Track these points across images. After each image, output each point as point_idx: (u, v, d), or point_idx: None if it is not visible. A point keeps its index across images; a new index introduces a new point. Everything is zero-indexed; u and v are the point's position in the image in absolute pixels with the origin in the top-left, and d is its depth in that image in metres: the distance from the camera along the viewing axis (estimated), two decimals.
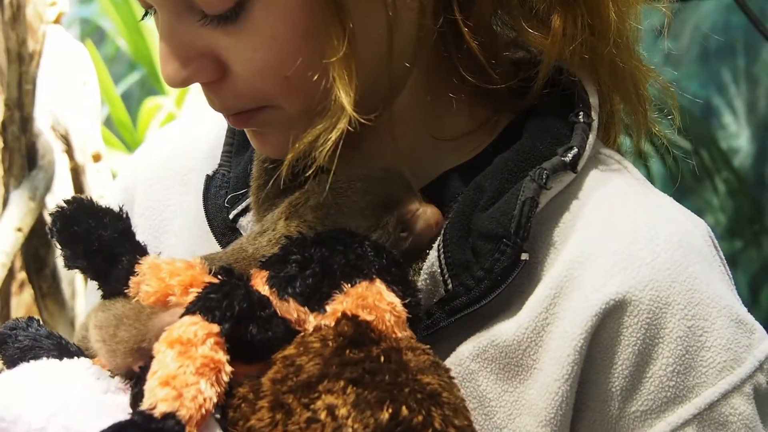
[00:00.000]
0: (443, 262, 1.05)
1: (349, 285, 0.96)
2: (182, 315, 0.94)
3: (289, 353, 0.94)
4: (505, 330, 1.04)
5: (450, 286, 1.04)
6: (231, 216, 1.16)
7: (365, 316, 0.95)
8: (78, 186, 3.23)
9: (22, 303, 3.26)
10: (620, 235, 1.04)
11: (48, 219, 2.99)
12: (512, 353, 1.03)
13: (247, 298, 0.94)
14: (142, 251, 1.03)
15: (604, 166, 1.10)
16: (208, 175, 1.20)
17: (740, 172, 4.32)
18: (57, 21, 3.28)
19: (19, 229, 2.92)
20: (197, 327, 0.92)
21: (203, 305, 0.94)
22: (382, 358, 0.93)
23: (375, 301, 0.96)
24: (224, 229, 1.16)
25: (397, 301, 0.97)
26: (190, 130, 1.32)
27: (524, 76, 1.10)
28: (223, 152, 1.22)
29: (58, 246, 1.04)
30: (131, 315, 1.00)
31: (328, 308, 0.96)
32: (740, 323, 1.04)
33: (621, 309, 1.01)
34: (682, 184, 1.24)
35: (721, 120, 4.36)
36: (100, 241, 1.02)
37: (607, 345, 1.01)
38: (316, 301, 0.96)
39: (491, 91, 1.09)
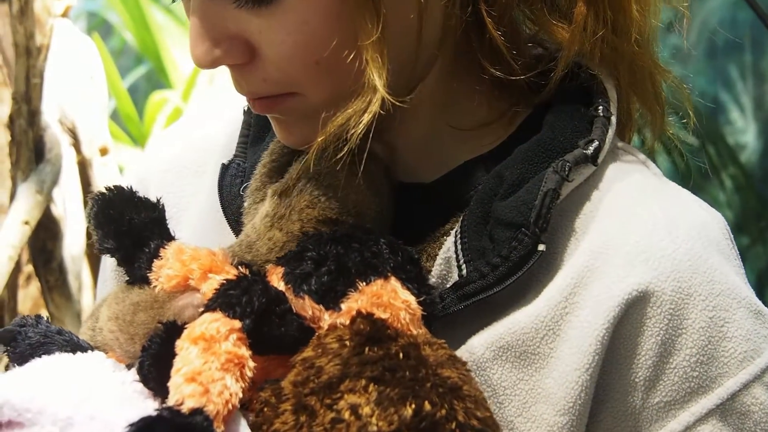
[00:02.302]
0: (459, 247, 1.05)
1: (364, 283, 0.97)
2: (202, 311, 0.95)
3: (308, 355, 0.95)
4: (522, 318, 1.04)
5: (464, 271, 1.05)
6: (246, 204, 1.16)
7: (380, 314, 0.96)
8: (85, 179, 3.23)
9: (28, 296, 3.26)
10: (640, 227, 1.05)
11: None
12: (529, 341, 1.03)
13: (265, 294, 0.95)
14: (170, 238, 1.05)
15: (622, 160, 1.12)
16: (223, 164, 1.21)
17: (747, 168, 4.32)
18: (65, 14, 3.28)
19: (27, 223, 2.92)
20: (219, 323, 0.93)
21: (223, 302, 0.95)
22: (401, 355, 0.93)
23: (390, 299, 0.96)
24: (239, 218, 1.16)
25: (411, 299, 0.97)
26: (205, 125, 1.32)
27: (543, 69, 1.11)
28: (238, 143, 1.22)
29: (92, 227, 1.05)
30: (148, 300, 1.02)
31: (343, 306, 0.96)
32: (758, 314, 1.05)
33: (644, 300, 1.02)
34: (689, 180, 1.25)
35: (728, 116, 4.36)
36: (130, 224, 1.04)
37: (630, 336, 1.02)
38: (331, 300, 0.97)
39: (511, 83, 1.10)
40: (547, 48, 1.14)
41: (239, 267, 1.00)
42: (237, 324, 0.94)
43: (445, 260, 1.07)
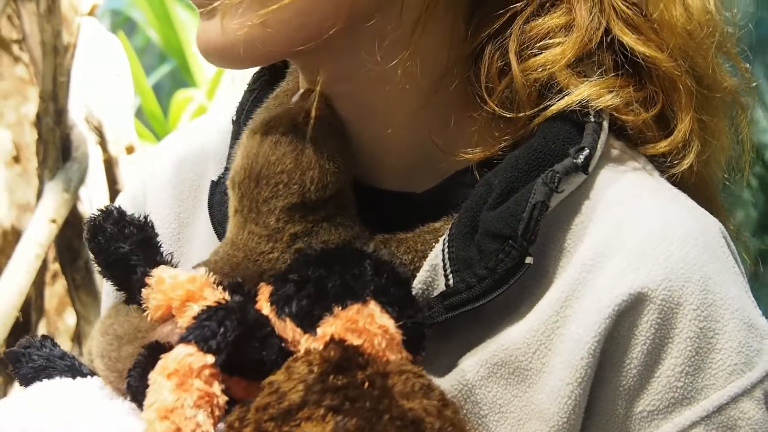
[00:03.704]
0: (446, 256, 1.03)
1: (340, 307, 0.95)
2: (178, 341, 0.94)
3: (276, 378, 0.94)
4: (515, 333, 1.02)
5: (451, 281, 1.02)
6: None
7: (353, 339, 0.94)
8: (111, 178, 3.25)
9: (54, 294, 3.28)
10: (633, 235, 1.02)
11: (82, 212, 3.01)
12: (521, 356, 1.01)
13: (243, 323, 0.94)
14: (155, 262, 1.03)
15: (615, 164, 1.08)
16: (213, 181, 1.18)
17: None
18: (91, 13, 3.30)
19: (53, 221, 2.93)
20: (193, 358, 0.92)
21: (199, 334, 0.94)
22: (366, 384, 0.92)
23: (365, 324, 0.94)
24: None
25: (390, 324, 0.95)
26: (197, 134, 1.30)
27: (547, 104, 1.06)
28: (229, 154, 1.18)
29: (91, 253, 1.06)
30: (130, 331, 1.02)
31: (319, 331, 0.95)
32: (752, 327, 1.02)
33: (633, 308, 1.00)
34: None
35: (752, 115, 4.33)
36: (116, 254, 1.03)
37: (619, 344, 1.00)
38: (308, 324, 0.95)
39: (507, 118, 1.07)
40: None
41: (222, 287, 0.99)
42: (210, 359, 0.92)
43: (432, 267, 1.04)
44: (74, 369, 1.07)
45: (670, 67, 1.07)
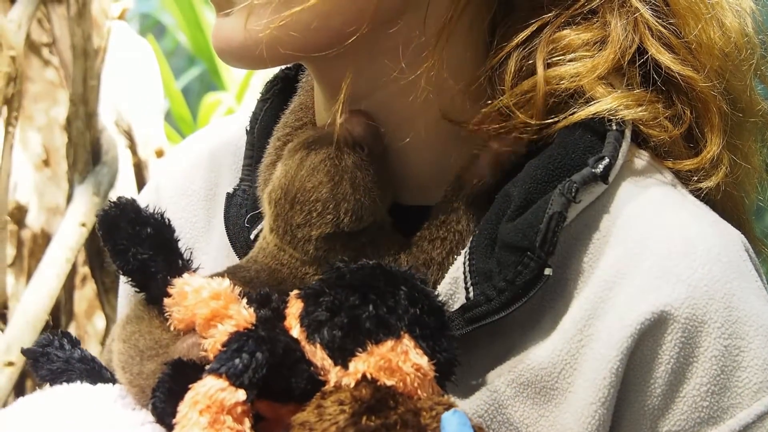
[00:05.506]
0: (467, 269, 1.03)
1: (374, 343, 0.93)
2: (209, 372, 0.92)
3: (307, 419, 0.92)
4: (541, 352, 1.02)
5: (471, 294, 1.02)
6: (252, 236, 1.13)
7: (385, 379, 0.93)
8: (141, 181, 3.25)
9: (84, 297, 3.28)
10: (655, 251, 1.01)
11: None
12: (548, 376, 1.01)
13: (274, 353, 0.93)
14: (176, 269, 1.01)
15: (638, 176, 1.07)
16: (228, 193, 1.18)
17: None
18: (121, 17, 3.30)
19: (83, 224, 2.93)
20: (225, 394, 0.91)
21: (231, 367, 0.92)
22: (399, 425, 0.91)
23: (399, 363, 0.93)
24: (246, 250, 1.12)
25: (423, 362, 0.94)
26: (212, 140, 1.29)
27: (570, 114, 1.06)
28: (243, 165, 1.19)
29: (106, 248, 1.03)
30: (152, 346, 1.00)
31: (351, 366, 0.93)
32: None
33: (657, 328, 0.99)
34: None
35: None
36: (134, 258, 1.01)
37: (643, 364, 0.99)
38: (339, 356, 0.94)
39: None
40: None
41: (248, 299, 0.97)
42: (242, 395, 0.91)
43: (454, 280, 1.04)
44: (94, 373, 1.06)
45: (706, 88, 1.06)
